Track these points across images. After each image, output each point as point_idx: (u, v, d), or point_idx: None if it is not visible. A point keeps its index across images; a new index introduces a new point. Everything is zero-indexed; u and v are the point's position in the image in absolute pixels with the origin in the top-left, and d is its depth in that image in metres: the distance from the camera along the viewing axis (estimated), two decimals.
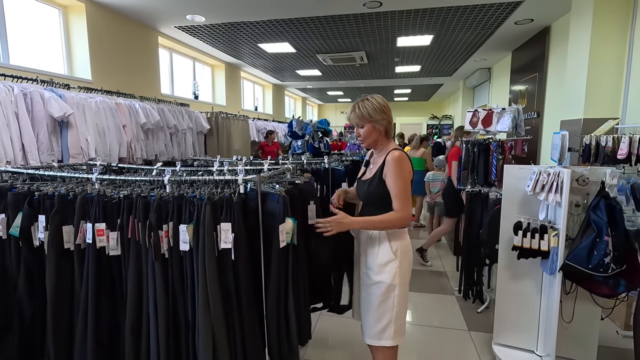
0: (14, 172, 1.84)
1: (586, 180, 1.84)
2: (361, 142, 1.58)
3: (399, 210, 1.46)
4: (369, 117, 1.51)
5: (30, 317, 1.59)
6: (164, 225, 1.42)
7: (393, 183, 1.47)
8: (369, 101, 1.52)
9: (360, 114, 1.52)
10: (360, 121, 1.53)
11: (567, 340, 2.04)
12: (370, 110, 1.50)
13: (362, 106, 1.52)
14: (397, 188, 1.47)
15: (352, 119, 1.56)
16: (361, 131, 1.54)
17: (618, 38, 3.23)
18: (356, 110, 1.53)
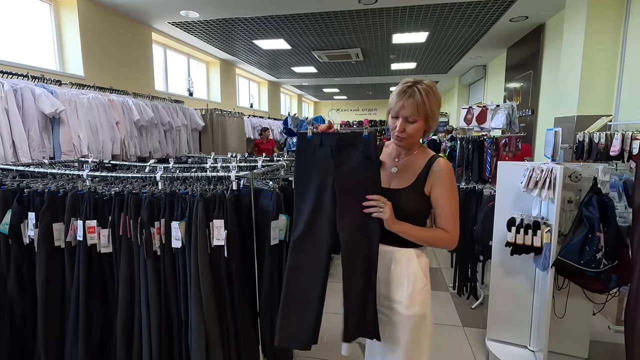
0: (3, 169, 1.82)
1: (579, 176, 1.85)
2: (400, 139, 1.18)
3: (452, 231, 1.17)
4: (430, 112, 1.14)
5: (20, 316, 1.57)
6: (155, 222, 1.40)
7: (446, 199, 1.17)
8: (433, 92, 1.15)
9: (420, 105, 1.12)
10: (417, 114, 1.13)
11: (559, 335, 2.05)
12: (433, 104, 1.14)
13: (425, 95, 1.12)
14: (451, 206, 1.18)
15: (405, 107, 1.12)
16: (410, 127, 1.15)
17: (611, 36, 3.25)
18: (417, 98, 1.11)
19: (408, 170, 1.23)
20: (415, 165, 1.22)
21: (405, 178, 1.21)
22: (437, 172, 1.18)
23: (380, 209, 1.11)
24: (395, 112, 1.16)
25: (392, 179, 1.24)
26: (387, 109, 1.22)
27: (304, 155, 1.13)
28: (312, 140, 1.12)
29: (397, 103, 1.15)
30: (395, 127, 1.17)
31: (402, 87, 1.15)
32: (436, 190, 1.18)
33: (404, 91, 1.14)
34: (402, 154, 1.26)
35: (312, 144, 1.12)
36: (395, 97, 1.16)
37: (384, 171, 1.26)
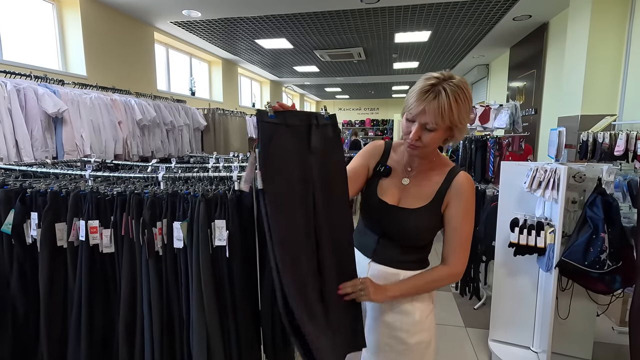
0: (5, 168, 1.82)
1: (583, 177, 1.84)
2: (414, 147, 0.96)
3: (457, 265, 1.00)
4: (458, 121, 0.91)
5: (23, 316, 1.58)
6: (157, 223, 1.40)
7: (460, 222, 0.98)
8: (465, 94, 0.90)
9: (446, 112, 0.88)
10: (440, 122, 0.90)
11: (562, 336, 2.04)
12: (463, 110, 0.91)
13: (454, 99, 0.88)
14: (465, 232, 0.99)
15: (426, 112, 0.89)
16: (427, 136, 0.93)
17: (616, 34, 3.22)
18: (442, 102, 0.87)
19: (423, 184, 1.03)
20: (432, 179, 1.02)
21: (420, 194, 1.01)
22: (457, 189, 0.98)
23: (362, 293, 0.93)
24: (412, 115, 0.92)
25: (403, 194, 1.03)
26: (403, 108, 0.99)
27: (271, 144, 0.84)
28: (276, 124, 0.86)
29: (416, 105, 0.90)
30: (409, 133, 0.94)
31: (424, 85, 0.90)
32: (451, 209, 0.99)
33: (426, 91, 0.89)
34: (417, 162, 1.05)
35: (278, 128, 0.86)
36: (414, 96, 0.91)
37: (392, 181, 1.06)
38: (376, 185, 1.07)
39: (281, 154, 0.86)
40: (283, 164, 0.87)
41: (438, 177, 1.02)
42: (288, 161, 0.88)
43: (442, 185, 1.01)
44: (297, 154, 0.89)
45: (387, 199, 1.04)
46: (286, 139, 0.87)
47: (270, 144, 0.84)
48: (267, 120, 0.84)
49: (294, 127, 0.87)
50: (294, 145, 0.88)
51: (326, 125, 0.93)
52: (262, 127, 0.84)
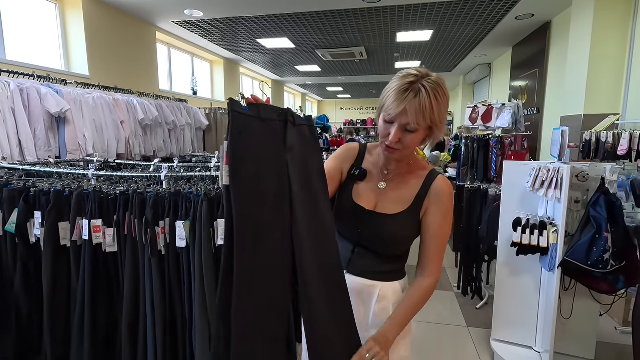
0: (9, 168, 1.83)
1: (586, 176, 1.83)
2: (392, 151, 0.91)
3: (436, 273, 0.95)
4: (438, 120, 0.88)
5: (26, 314, 1.59)
6: (160, 222, 1.41)
7: (439, 230, 0.94)
8: (443, 91, 0.87)
9: (427, 110, 0.84)
10: (421, 122, 0.86)
11: (565, 336, 2.04)
12: (443, 108, 0.88)
13: (434, 96, 0.84)
14: (443, 240, 0.95)
15: (407, 112, 0.84)
16: (408, 137, 0.88)
17: (619, 33, 3.21)
18: (423, 100, 0.83)
19: (401, 188, 0.98)
20: (410, 183, 0.97)
21: (398, 199, 0.96)
22: (436, 193, 0.94)
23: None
24: (392, 116, 0.87)
25: (380, 198, 0.98)
26: (379, 108, 0.93)
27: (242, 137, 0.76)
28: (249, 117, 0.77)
29: (396, 105, 0.85)
30: (388, 135, 0.88)
31: (402, 84, 0.85)
32: (430, 215, 0.94)
33: (405, 90, 0.84)
34: (394, 165, 1.00)
35: (251, 121, 0.77)
36: (393, 96, 0.86)
37: (368, 185, 1.00)
38: (351, 189, 1.01)
39: (253, 148, 0.77)
40: (254, 159, 0.77)
41: (416, 180, 0.97)
42: (261, 156, 0.78)
43: (421, 189, 0.96)
44: (272, 149, 0.80)
45: (363, 204, 0.98)
46: (260, 133, 0.78)
47: (240, 136, 0.75)
48: (240, 111, 0.76)
49: (268, 122, 0.79)
50: (268, 140, 0.79)
51: (302, 126, 0.85)
52: (233, 117, 0.75)
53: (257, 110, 0.77)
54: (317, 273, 0.82)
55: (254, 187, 0.77)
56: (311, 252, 0.81)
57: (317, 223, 0.85)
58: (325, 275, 0.84)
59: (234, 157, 0.75)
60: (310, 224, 0.82)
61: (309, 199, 0.83)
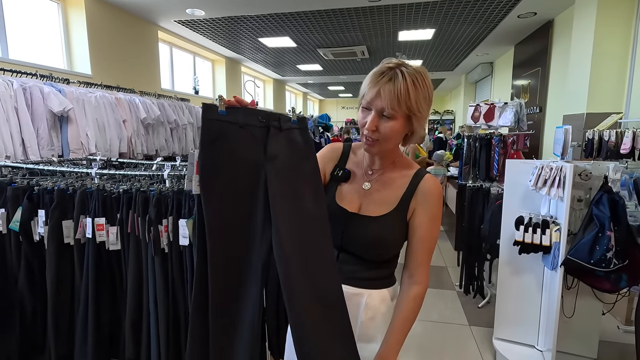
0: (13, 166, 1.83)
1: (589, 175, 1.83)
2: (370, 142, 0.86)
3: (424, 280, 0.90)
4: (416, 108, 0.82)
5: (30, 312, 1.59)
6: (163, 220, 1.41)
7: (428, 232, 0.89)
8: (423, 80, 0.83)
9: (403, 95, 0.80)
10: (396, 108, 0.80)
11: (568, 335, 2.03)
12: (421, 97, 0.82)
13: (411, 82, 0.80)
14: (431, 243, 0.90)
15: (381, 95, 0.81)
16: (384, 125, 0.83)
17: (622, 31, 3.20)
18: (399, 84, 0.79)
19: (386, 189, 0.92)
20: (395, 183, 0.92)
21: (383, 200, 0.91)
22: (423, 194, 0.89)
23: None
24: (367, 101, 0.83)
25: (364, 200, 0.92)
26: (359, 98, 0.89)
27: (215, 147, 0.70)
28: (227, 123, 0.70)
29: (370, 88, 0.82)
30: (365, 123, 0.84)
31: (380, 68, 0.83)
32: (417, 217, 0.89)
33: (381, 73, 0.81)
34: (377, 163, 0.94)
35: (229, 127, 0.71)
36: (369, 80, 0.83)
37: (352, 186, 0.95)
38: (334, 191, 0.95)
39: (227, 158, 0.70)
40: (228, 171, 0.70)
41: (402, 180, 0.91)
42: (235, 167, 0.71)
43: (407, 189, 0.90)
44: (249, 159, 0.72)
45: (347, 206, 0.92)
46: (237, 142, 0.71)
47: (212, 146, 0.69)
48: (214, 117, 0.69)
49: (248, 128, 0.71)
50: (246, 150, 0.72)
51: (292, 130, 0.77)
52: (205, 124, 0.69)
53: (235, 114, 0.71)
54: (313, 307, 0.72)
55: (226, 203, 0.70)
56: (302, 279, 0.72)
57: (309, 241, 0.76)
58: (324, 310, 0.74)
59: (205, 168, 0.69)
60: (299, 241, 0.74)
61: (297, 214, 0.74)
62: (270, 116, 0.74)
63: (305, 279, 0.73)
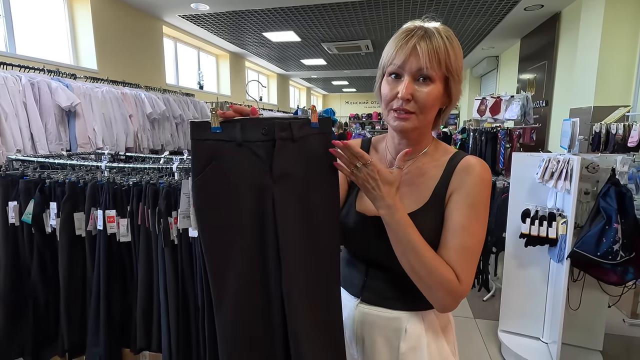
0: (24, 160, 1.86)
1: (596, 167, 1.82)
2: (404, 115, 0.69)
3: (465, 277, 0.67)
4: (454, 68, 0.69)
5: (43, 302, 1.63)
6: (173, 212, 1.43)
7: (469, 224, 0.68)
8: (457, 42, 0.70)
9: (442, 52, 0.66)
10: (435, 66, 0.66)
11: (573, 327, 2.04)
12: (459, 59, 0.69)
13: (447, 39, 0.67)
14: (474, 236, 0.68)
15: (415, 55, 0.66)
16: (423, 91, 0.67)
17: (630, 24, 3.16)
18: (436, 41, 0.66)
19: (417, 182, 0.75)
20: (427, 174, 0.74)
21: (413, 196, 0.74)
22: (461, 175, 0.70)
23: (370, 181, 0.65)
24: (397, 66, 0.68)
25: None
26: (379, 73, 0.75)
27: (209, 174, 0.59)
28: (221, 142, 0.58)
29: (400, 49, 0.67)
30: (396, 96, 0.68)
31: (406, 29, 0.70)
32: (454, 204, 0.70)
33: (410, 30, 0.68)
34: (397, 150, 0.77)
35: (224, 147, 0.59)
36: (394, 41, 0.70)
37: None
38: (355, 196, 0.80)
39: (223, 188, 0.59)
40: (225, 204, 0.59)
41: (435, 169, 0.74)
42: (235, 198, 0.60)
43: (442, 177, 0.72)
44: (251, 185, 0.60)
45: (367, 211, 0.76)
46: (233, 165, 0.59)
47: (204, 174, 0.57)
48: (205, 137, 0.57)
49: (249, 145, 0.59)
50: (247, 173, 0.59)
51: (310, 137, 0.63)
52: (194, 148, 0.58)
53: (231, 130, 0.58)
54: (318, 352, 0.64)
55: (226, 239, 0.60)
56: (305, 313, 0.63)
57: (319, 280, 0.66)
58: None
59: (198, 202, 0.58)
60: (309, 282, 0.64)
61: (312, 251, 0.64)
62: (278, 126, 0.60)
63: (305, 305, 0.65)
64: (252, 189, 0.60)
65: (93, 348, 1.53)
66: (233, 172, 0.59)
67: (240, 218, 0.60)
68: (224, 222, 0.60)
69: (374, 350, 0.76)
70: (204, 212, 0.59)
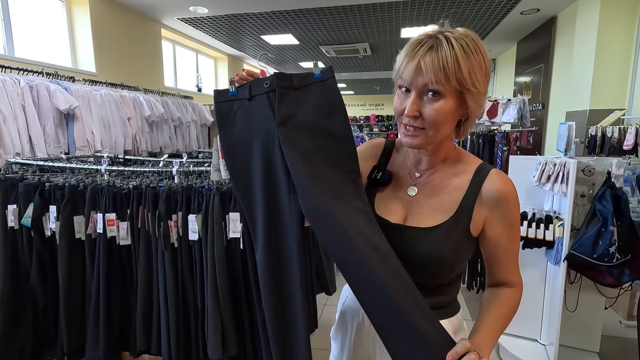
0: (23, 163, 1.86)
1: (592, 170, 1.84)
2: (412, 132, 0.67)
3: (519, 278, 0.73)
4: (468, 80, 0.62)
5: (43, 306, 1.63)
6: (173, 215, 1.44)
7: (512, 238, 0.71)
8: (476, 45, 0.64)
9: (451, 65, 0.61)
10: (443, 82, 0.62)
11: (570, 329, 2.06)
12: (476, 66, 0.63)
13: (460, 49, 0.62)
14: (517, 247, 0.73)
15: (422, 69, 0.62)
16: (430, 107, 0.64)
17: (625, 28, 3.20)
18: (444, 52, 0.61)
19: (439, 193, 0.73)
20: (451, 185, 0.72)
21: (436, 207, 0.72)
22: (494, 196, 0.68)
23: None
24: (405, 80, 0.65)
25: (410, 208, 0.74)
26: (393, 79, 0.71)
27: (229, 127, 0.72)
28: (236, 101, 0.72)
29: (407, 62, 0.64)
30: (404, 110, 0.65)
31: (417, 38, 0.65)
32: (494, 227, 0.70)
33: (420, 42, 0.64)
34: (425, 162, 0.75)
35: (238, 104, 0.72)
36: (404, 52, 0.65)
37: (393, 192, 0.77)
38: (373, 198, 0.77)
39: (241, 137, 0.71)
40: (243, 150, 0.71)
41: (459, 180, 0.72)
42: (250, 144, 0.71)
43: (468, 191, 0.70)
44: (261, 131, 0.70)
45: (389, 217, 0.73)
46: (245, 116, 0.71)
47: (225, 128, 0.71)
48: (224, 99, 0.71)
49: (257, 98, 0.70)
50: (256, 121, 0.70)
51: (312, 85, 0.71)
52: (216, 109, 0.72)
53: (244, 90, 0.71)
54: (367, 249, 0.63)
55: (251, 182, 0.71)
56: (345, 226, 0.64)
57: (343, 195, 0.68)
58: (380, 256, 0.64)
59: (225, 149, 0.72)
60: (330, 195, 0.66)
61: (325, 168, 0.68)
62: (278, 76, 0.70)
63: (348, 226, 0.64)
64: (262, 134, 0.70)
65: (92, 351, 1.53)
66: (247, 123, 0.70)
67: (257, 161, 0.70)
68: (245, 166, 0.71)
69: None
70: (229, 161, 0.71)
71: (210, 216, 1.38)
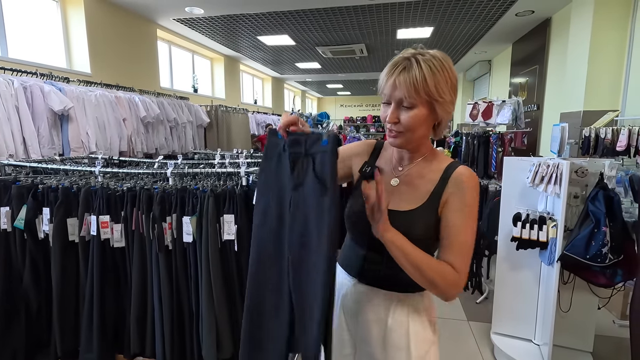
0: (16, 165, 1.85)
1: (585, 172, 1.86)
2: (394, 135, 0.84)
3: (461, 270, 0.80)
4: (437, 94, 0.78)
5: (36, 308, 1.62)
6: (167, 217, 1.43)
7: (462, 223, 0.82)
8: (442, 65, 0.79)
9: (420, 82, 0.77)
10: (414, 96, 0.78)
11: (564, 329, 2.07)
12: (442, 82, 0.79)
13: (428, 69, 0.77)
14: (466, 235, 0.82)
15: (397, 86, 0.79)
16: (405, 115, 0.80)
17: (619, 30, 3.23)
18: (414, 72, 0.77)
19: (415, 183, 0.88)
20: (426, 177, 0.87)
21: (412, 195, 0.86)
22: (455, 184, 0.83)
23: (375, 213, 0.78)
24: (387, 95, 0.82)
25: (392, 196, 0.88)
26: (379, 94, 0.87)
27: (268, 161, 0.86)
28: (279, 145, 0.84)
29: (386, 80, 0.81)
30: (386, 117, 0.82)
31: (395, 60, 0.81)
32: (450, 207, 0.82)
33: (395, 64, 0.80)
34: (406, 158, 0.91)
35: (280, 149, 0.84)
36: (384, 73, 0.82)
37: None
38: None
39: (271, 177, 0.85)
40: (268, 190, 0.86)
41: (433, 174, 0.86)
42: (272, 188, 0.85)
43: (439, 182, 0.85)
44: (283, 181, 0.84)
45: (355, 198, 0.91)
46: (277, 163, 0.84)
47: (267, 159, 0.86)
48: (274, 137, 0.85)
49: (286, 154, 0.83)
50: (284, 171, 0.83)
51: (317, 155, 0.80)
52: (268, 141, 0.86)
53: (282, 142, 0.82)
54: None
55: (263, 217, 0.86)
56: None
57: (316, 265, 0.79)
58: None
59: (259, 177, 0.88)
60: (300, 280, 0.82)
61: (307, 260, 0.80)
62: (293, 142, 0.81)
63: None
64: (283, 186, 0.83)
65: (86, 354, 1.52)
66: (277, 170, 0.84)
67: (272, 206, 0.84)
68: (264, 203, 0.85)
69: (366, 324, 0.92)
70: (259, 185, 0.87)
71: (205, 218, 1.38)
